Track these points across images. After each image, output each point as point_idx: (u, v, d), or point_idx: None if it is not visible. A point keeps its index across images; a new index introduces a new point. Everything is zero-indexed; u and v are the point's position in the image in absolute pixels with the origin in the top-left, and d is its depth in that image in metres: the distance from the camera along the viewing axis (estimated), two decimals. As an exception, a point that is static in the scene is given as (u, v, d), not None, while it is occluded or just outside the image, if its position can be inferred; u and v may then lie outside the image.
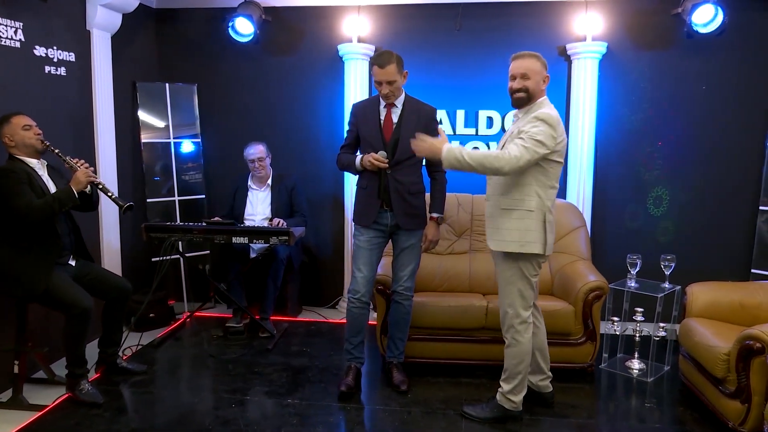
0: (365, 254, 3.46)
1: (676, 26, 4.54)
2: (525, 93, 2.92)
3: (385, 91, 3.33)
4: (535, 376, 3.30)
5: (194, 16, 5.09)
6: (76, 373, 3.32)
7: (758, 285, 3.59)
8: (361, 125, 3.46)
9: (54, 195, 3.21)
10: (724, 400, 3.03)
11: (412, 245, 3.48)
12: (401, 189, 3.38)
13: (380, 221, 3.44)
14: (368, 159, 3.33)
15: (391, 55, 3.30)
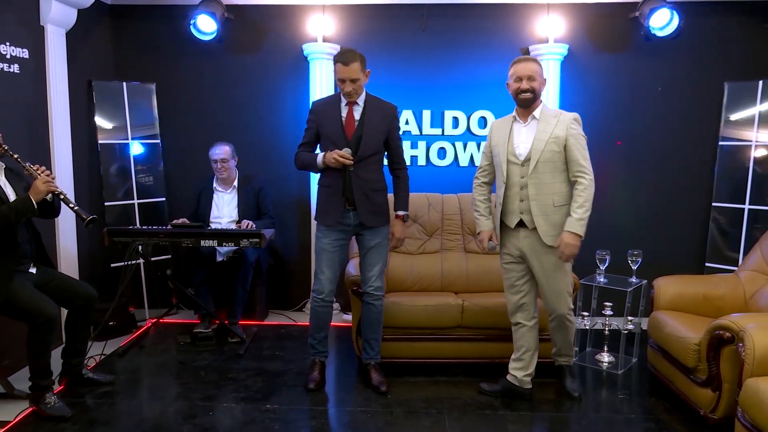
0: (328, 256, 3.45)
1: (634, 29, 4.70)
2: (531, 93, 3.09)
3: (348, 89, 3.30)
4: (522, 371, 3.36)
5: (151, 12, 4.93)
6: (40, 385, 3.16)
7: (719, 277, 3.75)
8: (322, 123, 3.42)
9: (11, 205, 3.04)
10: (695, 389, 3.15)
11: (378, 244, 3.46)
12: (364, 186, 3.36)
13: (343, 221, 3.41)
14: (332, 156, 3.28)
15: (354, 53, 3.29)
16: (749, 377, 2.66)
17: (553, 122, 3.11)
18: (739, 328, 2.83)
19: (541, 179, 3.12)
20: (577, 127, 3.12)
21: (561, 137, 3.08)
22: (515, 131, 3.21)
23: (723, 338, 2.94)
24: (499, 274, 4.10)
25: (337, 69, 3.29)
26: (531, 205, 3.14)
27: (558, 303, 3.26)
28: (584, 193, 3.04)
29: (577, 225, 3.03)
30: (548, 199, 3.13)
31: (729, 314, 3.17)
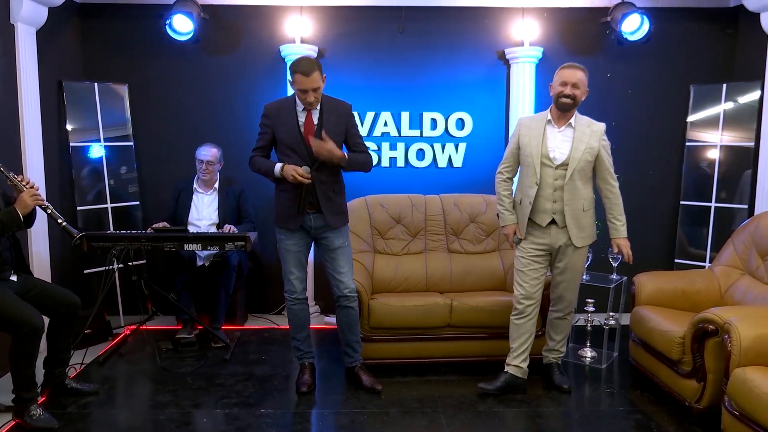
0: (295, 257, 3.45)
1: (605, 34, 4.84)
2: (572, 100, 3.22)
3: (311, 99, 3.22)
4: (525, 361, 3.47)
5: (121, 12, 4.81)
6: (24, 397, 3.04)
7: (695, 273, 3.91)
8: (278, 128, 3.33)
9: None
10: (680, 381, 3.27)
11: (342, 245, 3.45)
12: (326, 189, 3.35)
13: (305, 223, 3.38)
14: (291, 173, 3.20)
15: (312, 62, 3.22)
16: (736, 367, 2.78)
17: (587, 132, 3.27)
18: (723, 320, 2.96)
19: (576, 186, 3.28)
20: (606, 139, 3.35)
21: (595, 148, 3.27)
22: (549, 134, 3.30)
23: (707, 331, 3.06)
24: (482, 273, 4.23)
25: (297, 80, 3.17)
26: (564, 209, 3.29)
27: (574, 298, 3.51)
28: (619, 200, 3.38)
29: (623, 230, 3.40)
30: (579, 204, 3.30)
31: (706, 308, 3.32)
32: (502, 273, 4.25)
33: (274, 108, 3.38)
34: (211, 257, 4.33)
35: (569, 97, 3.22)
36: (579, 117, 3.33)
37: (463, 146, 4.97)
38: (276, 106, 3.40)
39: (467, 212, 4.39)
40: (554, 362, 3.64)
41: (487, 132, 4.98)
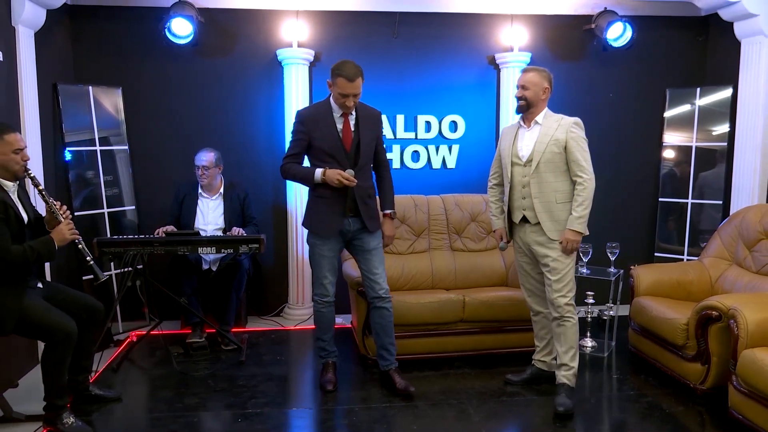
0: (329, 262, 3.51)
1: (588, 40, 5.10)
2: (524, 101, 3.34)
3: (350, 103, 3.31)
4: (549, 356, 3.62)
5: (114, 14, 4.73)
6: (57, 404, 3.00)
7: (687, 264, 4.19)
8: (316, 135, 3.38)
9: (33, 246, 2.91)
10: (684, 364, 3.52)
11: (377, 246, 3.54)
12: (363, 194, 3.43)
13: (344, 229, 3.45)
14: (337, 177, 3.27)
15: (358, 69, 3.29)
16: (744, 349, 3.03)
17: (554, 126, 3.33)
18: (727, 307, 3.21)
19: (544, 178, 3.32)
20: (576, 130, 3.32)
21: (561, 140, 3.28)
22: (519, 135, 3.44)
23: (711, 317, 3.31)
24: (484, 270, 4.42)
25: (339, 83, 3.24)
26: (534, 203, 3.35)
27: (558, 294, 3.33)
28: (583, 193, 3.27)
29: (576, 222, 3.25)
30: (551, 197, 3.33)
31: (699, 297, 3.64)
32: (504, 270, 4.44)
33: (310, 114, 3.43)
34: (217, 261, 4.33)
35: (519, 98, 3.37)
36: (549, 114, 3.38)
37: (456, 148, 5.13)
38: (312, 112, 3.44)
39: (468, 211, 4.55)
40: (564, 382, 3.38)
41: (479, 134, 5.16)
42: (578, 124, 3.39)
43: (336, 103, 3.38)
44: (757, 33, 4.44)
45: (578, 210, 3.27)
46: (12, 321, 2.85)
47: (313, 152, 3.45)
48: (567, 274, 3.33)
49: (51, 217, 3.08)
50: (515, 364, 3.82)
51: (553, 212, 3.36)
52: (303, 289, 5.04)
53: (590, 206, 3.30)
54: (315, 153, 3.44)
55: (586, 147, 3.36)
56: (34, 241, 2.96)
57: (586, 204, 3.28)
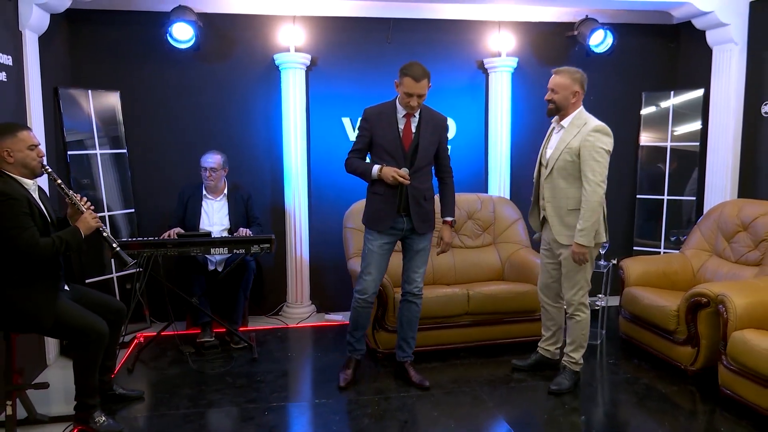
0: (377, 258, 3.60)
1: (571, 46, 5.38)
2: (552, 104, 3.45)
3: (414, 103, 3.42)
4: (553, 345, 3.86)
5: (111, 18, 4.76)
6: (89, 404, 3.07)
7: (671, 256, 4.51)
8: (377, 132, 3.50)
9: (61, 236, 2.95)
10: (675, 348, 3.80)
11: (424, 248, 3.66)
12: (417, 195, 3.53)
13: (396, 226, 3.56)
14: (391, 174, 3.38)
15: (425, 70, 3.39)
16: (734, 331, 3.32)
17: (574, 132, 3.41)
18: (715, 294, 3.51)
19: (556, 184, 3.47)
20: (593, 139, 3.31)
21: (575, 148, 3.34)
22: (552, 136, 3.60)
23: (700, 303, 3.61)
24: (481, 265, 4.65)
25: (405, 83, 3.36)
26: (546, 206, 3.54)
27: (570, 293, 3.53)
28: (585, 204, 3.32)
29: (579, 236, 3.35)
30: (562, 203, 3.45)
31: (683, 286, 3.97)
32: (500, 265, 4.67)
33: (375, 113, 3.56)
34: (223, 262, 4.42)
35: (549, 101, 3.50)
36: (578, 118, 3.41)
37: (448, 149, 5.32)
38: (377, 110, 3.57)
39: (465, 210, 4.76)
40: (565, 365, 3.64)
41: (469, 136, 5.38)
42: (599, 130, 3.36)
43: (401, 103, 3.51)
44: (728, 41, 4.78)
45: (581, 223, 3.35)
46: (51, 317, 2.89)
47: (374, 149, 3.56)
48: (579, 272, 3.49)
49: (74, 210, 3.12)
50: (518, 353, 4.05)
51: (563, 218, 3.48)
52: (302, 288, 5.16)
53: (593, 217, 3.33)
54: (376, 150, 3.55)
55: (600, 157, 3.33)
56: (60, 231, 3.01)
57: (587, 216, 3.33)
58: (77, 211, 3.11)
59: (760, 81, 4.69)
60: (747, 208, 4.17)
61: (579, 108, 3.48)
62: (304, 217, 5.10)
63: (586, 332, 3.63)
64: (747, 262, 4.04)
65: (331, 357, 4.07)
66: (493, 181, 5.38)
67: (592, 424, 3.29)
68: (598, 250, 3.63)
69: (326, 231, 5.18)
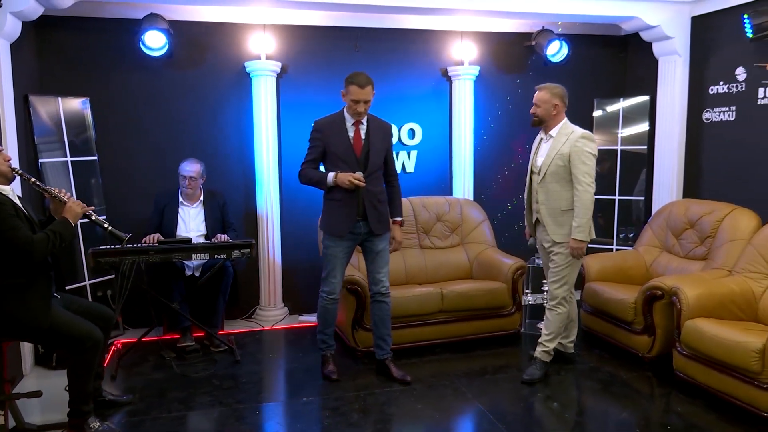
0: (341, 262, 3.83)
1: (529, 55, 5.68)
2: (536, 117, 3.81)
3: (361, 109, 3.67)
4: (566, 339, 4.10)
5: (83, 25, 4.75)
6: (83, 410, 3.12)
7: (626, 253, 4.85)
8: (330, 141, 3.73)
9: (53, 230, 2.99)
10: (633, 337, 4.12)
11: (384, 248, 3.89)
12: (372, 199, 3.76)
13: (355, 230, 3.77)
14: (348, 179, 3.60)
15: (368, 77, 3.67)
16: (687, 320, 3.64)
17: (563, 140, 3.74)
18: (669, 287, 3.84)
19: (550, 188, 3.79)
20: (581, 144, 3.65)
21: (565, 153, 3.68)
22: (540, 146, 3.91)
23: (656, 295, 3.93)
24: (451, 265, 4.89)
25: (351, 91, 3.61)
26: (541, 208, 3.84)
27: (555, 286, 3.84)
28: (578, 203, 3.66)
29: (576, 232, 3.69)
30: (556, 204, 3.79)
31: (638, 281, 4.31)
32: (468, 264, 4.91)
33: (326, 123, 3.76)
34: (200, 267, 4.48)
35: (533, 114, 3.87)
36: (564, 127, 3.77)
37: (414, 153, 5.55)
38: (327, 121, 3.77)
39: (434, 212, 4.98)
40: (537, 357, 3.89)
41: (435, 140, 5.61)
42: (586, 137, 3.71)
43: (348, 111, 3.73)
44: (673, 53, 5.17)
45: (576, 220, 3.69)
46: (47, 321, 2.92)
47: (328, 158, 3.76)
48: (564, 269, 3.81)
49: (56, 204, 3.15)
50: (491, 347, 4.32)
51: (558, 218, 3.81)
52: (275, 291, 5.27)
53: (587, 214, 3.67)
54: (330, 159, 3.75)
55: (588, 160, 3.68)
56: (50, 225, 3.04)
57: (581, 214, 3.67)
58: (60, 204, 3.13)
59: (701, 90, 5.10)
60: (693, 208, 4.55)
61: (563, 119, 3.83)
62: (276, 221, 5.21)
63: (564, 325, 3.94)
64: (694, 257, 4.40)
65: (312, 357, 4.19)
66: (457, 183, 5.62)
67: (563, 409, 3.56)
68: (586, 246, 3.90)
69: (298, 234, 5.30)
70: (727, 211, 4.30)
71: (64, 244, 3.05)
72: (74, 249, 4.51)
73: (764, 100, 4.52)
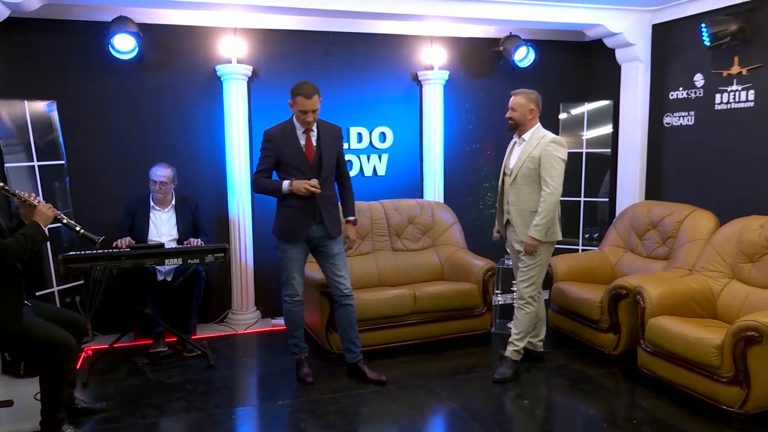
0: (298, 264, 3.87)
1: (497, 60, 5.80)
2: (512, 121, 3.89)
3: (310, 119, 3.70)
4: (535, 338, 4.19)
5: (49, 27, 4.69)
6: (57, 417, 3.10)
7: (591, 253, 5.00)
8: (282, 151, 3.75)
9: (24, 233, 2.96)
10: (600, 335, 4.26)
11: (340, 251, 3.94)
12: (327, 202, 3.83)
13: (310, 234, 3.82)
14: (304, 186, 3.65)
15: (314, 87, 3.68)
16: (650, 318, 3.79)
17: (534, 144, 3.85)
18: (633, 286, 3.98)
19: (520, 189, 3.89)
20: (551, 149, 3.77)
21: (536, 157, 3.79)
22: (513, 149, 4.01)
23: (620, 294, 4.07)
24: (423, 266, 4.97)
25: (298, 102, 3.62)
26: (511, 209, 3.95)
27: (523, 285, 3.95)
28: (543, 204, 3.77)
29: (533, 230, 3.80)
30: (526, 206, 3.90)
31: (604, 280, 4.43)
32: (440, 265, 5.00)
33: (277, 133, 3.77)
34: (171, 272, 4.46)
35: (509, 118, 3.97)
36: (537, 132, 3.87)
37: (385, 157, 5.61)
38: (278, 130, 3.78)
39: (406, 215, 5.06)
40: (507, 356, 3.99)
41: (405, 143, 5.68)
42: (556, 141, 3.83)
43: (297, 120, 3.75)
44: (635, 59, 5.35)
45: (537, 219, 3.80)
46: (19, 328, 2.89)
47: (281, 167, 3.79)
48: (533, 269, 3.92)
49: (26, 208, 3.10)
50: (462, 347, 4.41)
51: (527, 219, 3.91)
52: (247, 295, 5.27)
53: (548, 216, 3.78)
54: (283, 167, 3.78)
55: (558, 164, 3.80)
56: (20, 229, 3.00)
57: (543, 214, 3.78)
58: (30, 208, 3.09)
59: (661, 95, 5.29)
60: (655, 209, 4.71)
61: (537, 124, 3.94)
62: (248, 225, 5.21)
63: (532, 324, 4.05)
64: (657, 256, 4.56)
65: (286, 359, 4.20)
66: (428, 186, 5.70)
67: (534, 407, 3.66)
68: (553, 247, 4.03)
69: (270, 238, 5.11)
70: (687, 213, 4.47)
71: (36, 248, 3.02)
72: (41, 255, 4.44)
73: (721, 106, 4.72)
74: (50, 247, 4.59)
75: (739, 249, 3.92)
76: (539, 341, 4.25)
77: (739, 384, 3.27)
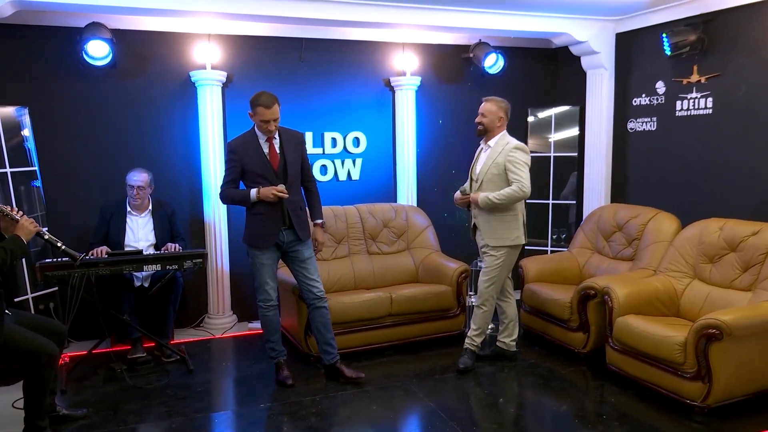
0: (270, 270, 3.95)
1: (467, 66, 5.94)
2: (481, 126, 4.02)
3: (272, 128, 3.78)
4: (508, 337, 4.33)
5: (21, 33, 4.64)
6: (39, 426, 3.11)
7: (560, 255, 5.17)
8: (246, 161, 3.83)
9: (4, 246, 2.97)
10: (570, 334, 4.42)
11: (311, 255, 4.02)
12: (295, 207, 3.91)
13: (280, 239, 3.90)
14: (271, 192, 3.74)
15: (273, 96, 3.76)
16: (618, 317, 3.95)
17: (499, 150, 3.99)
18: (600, 286, 4.14)
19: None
20: (514, 155, 3.93)
21: (501, 163, 3.96)
22: (480, 155, 4.13)
23: (589, 295, 4.24)
24: (398, 269, 5.07)
25: (259, 112, 3.69)
26: (477, 213, 4.09)
27: (484, 285, 4.12)
28: (509, 190, 3.89)
29: (483, 197, 3.97)
30: (491, 211, 4.03)
31: (573, 281, 4.61)
32: (414, 268, 5.11)
33: (239, 143, 3.86)
34: (149, 277, 4.47)
35: (478, 123, 4.11)
36: (502, 138, 4.03)
37: (359, 161, 5.70)
38: (240, 141, 3.87)
39: (380, 219, 5.15)
40: (467, 347, 4.22)
41: (379, 148, 5.78)
42: (519, 148, 3.98)
43: (260, 130, 3.84)
44: (599, 66, 5.54)
45: (493, 194, 3.93)
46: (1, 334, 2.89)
47: (247, 176, 3.88)
48: (494, 270, 4.07)
49: (7, 222, 3.10)
50: (437, 348, 4.53)
51: (491, 223, 4.06)
52: (223, 299, 5.30)
53: (504, 201, 3.92)
54: (248, 176, 3.87)
55: (523, 167, 3.95)
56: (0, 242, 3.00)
57: (501, 197, 3.91)
58: (12, 221, 3.09)
59: (625, 101, 5.49)
60: (621, 212, 4.90)
61: (503, 131, 4.07)
62: (224, 229, 5.24)
63: (489, 321, 4.26)
64: (623, 257, 4.75)
65: (264, 363, 4.26)
66: (401, 190, 5.81)
67: (508, 404, 3.79)
68: (518, 251, 4.15)
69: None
70: (651, 215, 4.66)
71: (16, 262, 3.02)
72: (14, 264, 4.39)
73: (682, 113, 4.93)
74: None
75: (700, 250, 4.12)
76: (512, 341, 4.39)
77: (702, 379, 3.45)
